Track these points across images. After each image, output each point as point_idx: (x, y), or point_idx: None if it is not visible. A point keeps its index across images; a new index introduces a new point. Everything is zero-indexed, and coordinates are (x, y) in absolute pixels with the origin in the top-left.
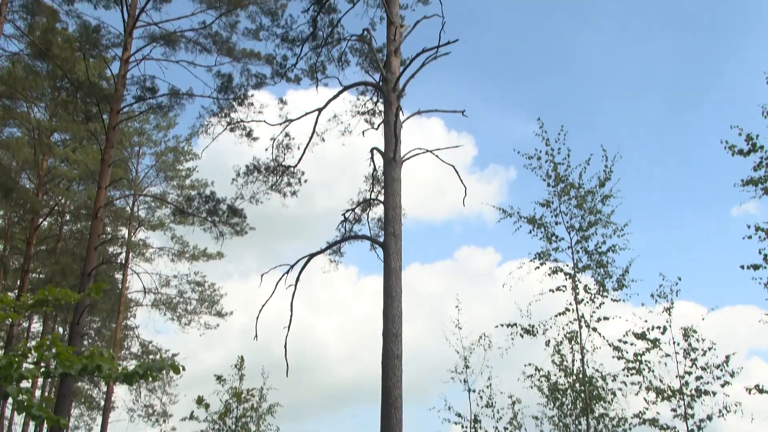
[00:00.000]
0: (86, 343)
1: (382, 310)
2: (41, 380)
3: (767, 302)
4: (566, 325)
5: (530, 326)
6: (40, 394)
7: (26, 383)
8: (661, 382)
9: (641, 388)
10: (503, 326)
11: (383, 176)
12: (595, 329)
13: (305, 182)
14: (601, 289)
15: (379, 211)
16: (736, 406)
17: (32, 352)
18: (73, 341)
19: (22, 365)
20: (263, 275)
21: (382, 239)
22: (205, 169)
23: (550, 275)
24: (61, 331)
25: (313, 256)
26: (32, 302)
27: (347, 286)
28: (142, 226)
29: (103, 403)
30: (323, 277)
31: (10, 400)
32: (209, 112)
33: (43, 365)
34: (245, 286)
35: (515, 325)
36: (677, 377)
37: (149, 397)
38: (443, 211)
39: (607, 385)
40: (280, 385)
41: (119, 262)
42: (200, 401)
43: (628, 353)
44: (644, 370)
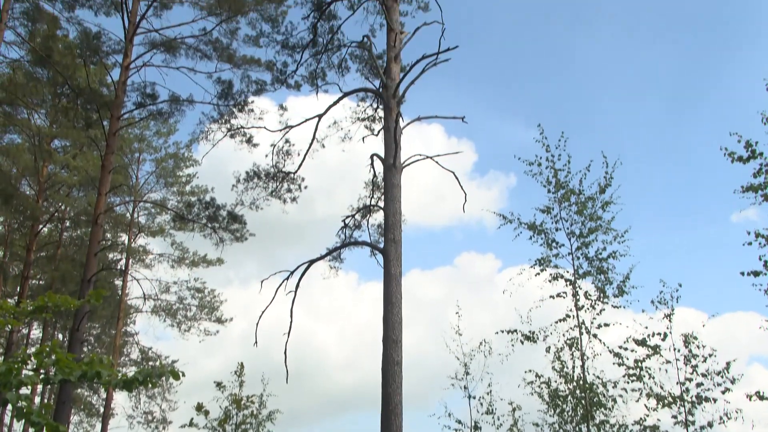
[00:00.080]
0: (86, 349)
1: (382, 316)
2: (41, 387)
3: (767, 309)
4: (567, 331)
5: (531, 333)
6: (39, 400)
7: (26, 390)
8: (661, 388)
9: (642, 394)
10: (503, 333)
11: (383, 182)
12: (595, 336)
13: (305, 188)
14: (601, 295)
15: (379, 217)
16: (736, 412)
17: (32, 358)
18: (72, 348)
19: (21, 372)
20: (263, 281)
21: (382, 245)
22: (205, 175)
23: (550, 281)
24: (60, 337)
25: (313, 262)
26: (32, 309)
27: (347, 292)
28: (142, 232)
29: (102, 409)
30: (323, 283)
31: (9, 406)
32: (209, 118)
33: (42, 372)
34: (245, 292)
35: (515, 331)
36: (678, 384)
37: (149, 403)
38: (443, 217)
39: (607, 391)
40: (279, 391)
41: (119, 268)
42: (200, 408)
43: (628, 360)
44: (645, 376)
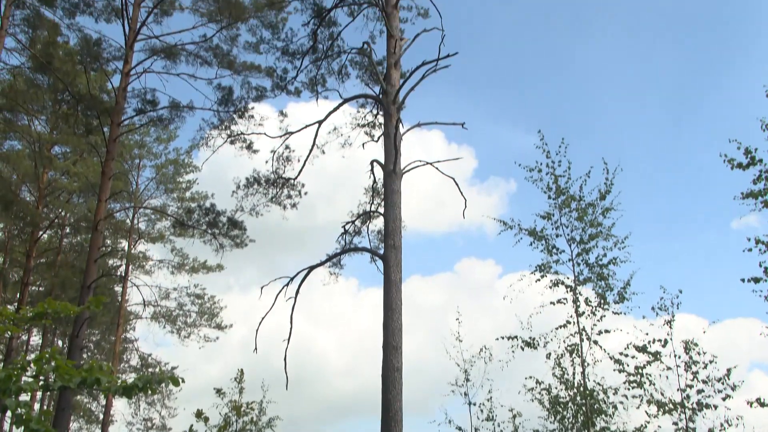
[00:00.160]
0: (85, 356)
1: (382, 322)
2: (40, 393)
3: None
4: (567, 338)
5: (531, 339)
6: (39, 407)
7: (25, 396)
8: (662, 395)
9: (642, 401)
10: (504, 339)
11: (383, 188)
12: (596, 342)
13: (305, 194)
14: (602, 301)
15: (379, 223)
16: (737, 419)
17: (31, 365)
18: (72, 354)
19: (21, 378)
20: (263, 288)
21: (382, 251)
22: (205, 181)
23: (550, 288)
24: (60, 344)
25: (313, 268)
26: (32, 315)
27: (347, 298)
28: (142, 238)
29: (102, 416)
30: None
31: (9, 413)
32: (210, 124)
33: (42, 378)
34: (245, 298)
35: (516, 337)
36: (678, 390)
37: (148, 410)
38: (443, 223)
39: (608, 398)
40: (279, 398)
41: (119, 274)
42: (199, 415)
43: (629, 366)
44: (645, 383)
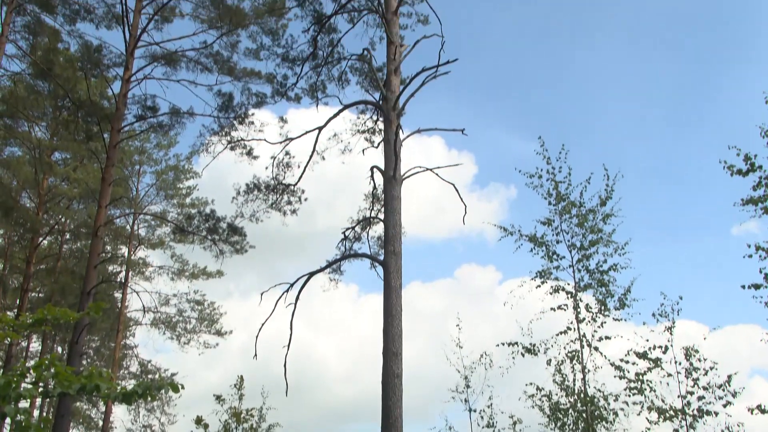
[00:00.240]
0: (85, 362)
1: (382, 328)
2: (39, 400)
3: None
4: (567, 344)
5: (531, 345)
6: (38, 414)
7: (24, 403)
8: (663, 402)
9: (643, 407)
10: (504, 345)
11: (383, 194)
12: (596, 348)
13: (305, 201)
14: (602, 308)
15: (379, 229)
16: (738, 426)
17: (31, 371)
18: (71, 361)
19: (20, 385)
20: (263, 294)
21: (382, 257)
22: (205, 187)
23: (551, 294)
24: (60, 350)
25: (313, 274)
26: (31, 321)
27: (347, 304)
28: (141, 244)
29: (101, 423)
30: (323, 295)
31: (8, 420)
32: (210, 130)
33: (41, 385)
34: (245, 304)
35: (516, 344)
36: (679, 397)
37: (148, 416)
38: (443, 229)
39: (608, 404)
40: (279, 404)
41: (119, 280)
42: (199, 421)
43: (629, 373)
44: (646, 389)
